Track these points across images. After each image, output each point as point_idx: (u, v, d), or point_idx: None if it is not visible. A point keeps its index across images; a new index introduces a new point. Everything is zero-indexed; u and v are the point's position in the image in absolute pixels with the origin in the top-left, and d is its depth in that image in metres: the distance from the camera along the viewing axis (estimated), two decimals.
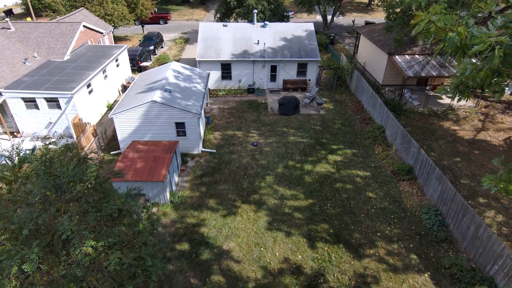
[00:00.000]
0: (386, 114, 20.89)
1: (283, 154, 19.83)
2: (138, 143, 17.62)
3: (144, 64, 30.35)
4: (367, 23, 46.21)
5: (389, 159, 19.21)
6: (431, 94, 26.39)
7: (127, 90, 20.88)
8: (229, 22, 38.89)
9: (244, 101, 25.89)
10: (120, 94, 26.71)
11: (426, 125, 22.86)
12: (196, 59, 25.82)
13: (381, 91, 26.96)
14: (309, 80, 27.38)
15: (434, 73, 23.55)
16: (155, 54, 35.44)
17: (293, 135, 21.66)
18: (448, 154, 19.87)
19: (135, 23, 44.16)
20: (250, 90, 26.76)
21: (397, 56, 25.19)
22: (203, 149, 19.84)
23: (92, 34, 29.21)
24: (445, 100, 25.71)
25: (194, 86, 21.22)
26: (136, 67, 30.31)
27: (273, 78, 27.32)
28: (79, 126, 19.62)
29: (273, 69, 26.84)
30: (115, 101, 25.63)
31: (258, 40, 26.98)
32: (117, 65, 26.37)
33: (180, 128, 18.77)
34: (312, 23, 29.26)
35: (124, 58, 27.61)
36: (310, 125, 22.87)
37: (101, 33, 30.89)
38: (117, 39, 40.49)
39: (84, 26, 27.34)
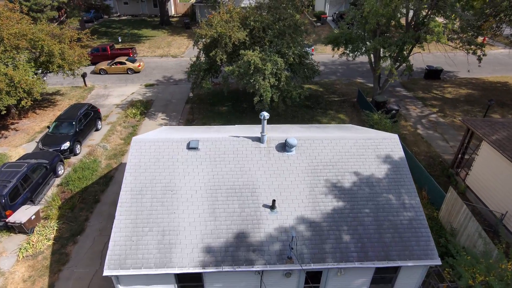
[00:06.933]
0: None
1: None
2: None
3: (17, 218, 13.34)
4: (430, 70, 29.90)
5: None
6: None
7: None
8: (216, 80, 22.67)
9: None
10: None
11: None
12: (105, 273, 9.42)
13: None
14: None
15: None
16: (77, 154, 19.01)
17: None
18: None
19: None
20: None
21: None
22: None
23: None
24: None
25: None
26: (2, 224, 13.71)
27: None
28: None
29: (312, 278, 10.46)
30: None
31: (274, 201, 10.55)
32: None
33: None
34: (397, 136, 12.73)
35: None
36: None
37: None
38: (42, 97, 24.07)
39: None
